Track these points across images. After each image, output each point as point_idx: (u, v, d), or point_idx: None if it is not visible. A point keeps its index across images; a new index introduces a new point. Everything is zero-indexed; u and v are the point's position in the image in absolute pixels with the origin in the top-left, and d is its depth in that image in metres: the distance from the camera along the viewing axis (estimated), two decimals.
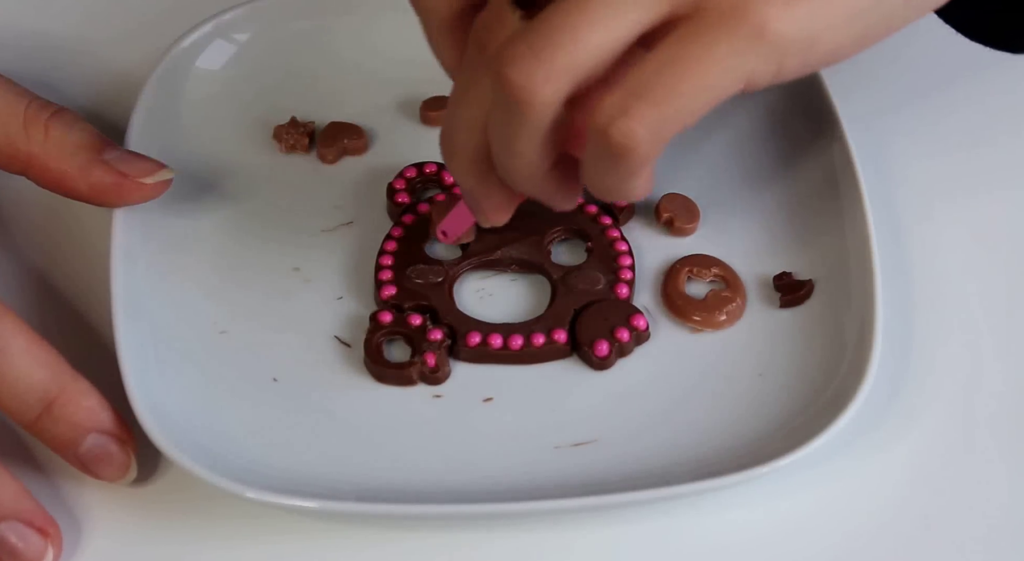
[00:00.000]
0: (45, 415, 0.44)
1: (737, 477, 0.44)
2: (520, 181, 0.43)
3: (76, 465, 0.45)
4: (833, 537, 0.46)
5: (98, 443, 0.45)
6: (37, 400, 0.44)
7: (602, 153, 0.40)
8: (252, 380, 0.48)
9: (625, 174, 0.40)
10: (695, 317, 0.50)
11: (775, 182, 0.54)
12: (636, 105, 0.39)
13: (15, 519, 0.43)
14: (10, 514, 0.43)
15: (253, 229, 0.53)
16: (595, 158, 0.41)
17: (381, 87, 0.57)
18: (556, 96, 0.39)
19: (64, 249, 0.53)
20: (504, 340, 0.49)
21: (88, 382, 0.45)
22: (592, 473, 0.46)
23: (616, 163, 0.40)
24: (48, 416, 0.44)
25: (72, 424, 0.44)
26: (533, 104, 0.39)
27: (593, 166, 0.41)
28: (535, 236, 0.52)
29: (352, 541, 0.46)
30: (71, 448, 0.45)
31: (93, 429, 0.45)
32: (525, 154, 0.41)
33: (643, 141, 0.39)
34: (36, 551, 0.44)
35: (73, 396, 0.44)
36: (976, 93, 0.58)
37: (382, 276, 0.50)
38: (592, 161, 0.41)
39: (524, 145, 0.41)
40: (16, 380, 0.44)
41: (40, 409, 0.44)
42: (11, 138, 0.48)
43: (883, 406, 0.48)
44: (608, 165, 0.40)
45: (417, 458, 0.47)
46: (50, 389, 0.44)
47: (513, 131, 0.40)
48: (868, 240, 0.50)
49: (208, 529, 0.46)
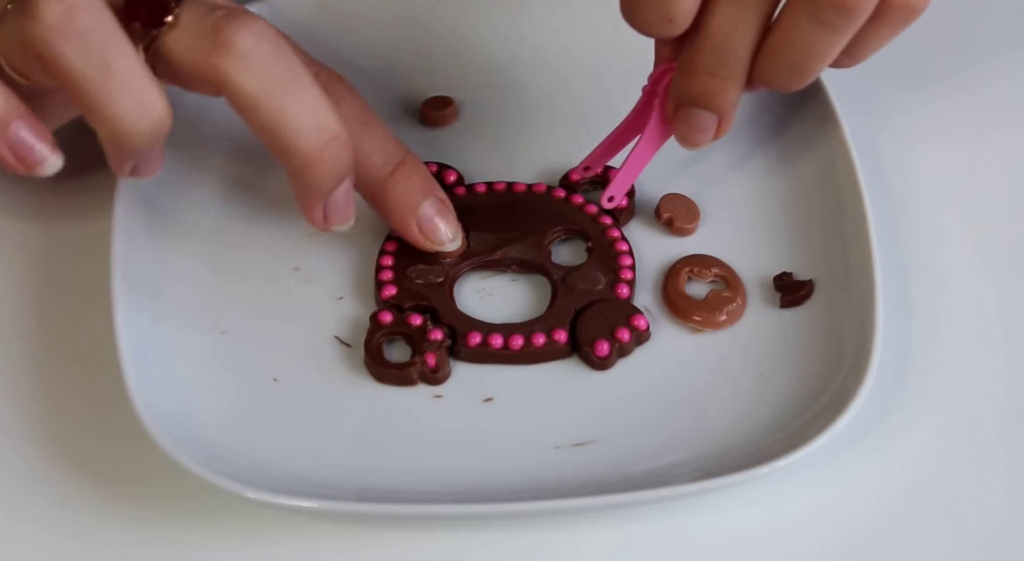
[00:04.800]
0: (403, 165, 0.49)
1: (737, 477, 0.44)
2: (802, 81, 0.47)
3: (413, 234, 0.50)
4: (833, 537, 0.46)
5: (432, 207, 0.50)
6: (395, 153, 0.49)
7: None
8: (252, 380, 0.48)
9: None
10: (695, 317, 0.50)
11: (775, 182, 0.54)
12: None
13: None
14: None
15: (253, 229, 0.53)
16: None
17: (381, 87, 0.57)
18: None
19: (64, 249, 0.53)
20: (505, 340, 0.49)
21: None
22: (593, 473, 0.46)
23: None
24: (405, 165, 0.49)
25: (418, 180, 0.50)
26: (862, 9, 0.44)
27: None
28: (535, 236, 0.52)
29: (352, 541, 0.46)
30: (410, 209, 0.50)
31: (430, 193, 0.50)
32: (831, 55, 0.46)
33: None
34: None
35: (416, 162, 0.50)
36: (977, 93, 0.59)
37: (383, 276, 0.50)
38: None
39: (837, 48, 0.46)
40: (382, 136, 0.49)
41: (396, 164, 0.49)
42: None
43: (883, 406, 0.48)
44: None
45: (417, 458, 0.47)
46: (400, 151, 0.50)
47: (838, 34, 0.45)
48: (868, 240, 0.50)
49: (208, 529, 0.46)
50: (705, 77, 0.47)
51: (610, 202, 0.52)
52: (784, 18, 0.46)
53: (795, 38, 0.46)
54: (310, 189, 0.46)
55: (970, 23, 0.61)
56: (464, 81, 0.58)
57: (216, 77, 0.43)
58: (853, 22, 0.45)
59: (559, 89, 0.58)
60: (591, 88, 0.58)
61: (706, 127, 0.49)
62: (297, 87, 0.44)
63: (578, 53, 0.59)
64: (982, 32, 0.61)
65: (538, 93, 0.58)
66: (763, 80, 0.47)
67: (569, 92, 0.58)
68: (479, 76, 0.58)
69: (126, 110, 0.42)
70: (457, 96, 0.57)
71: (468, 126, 0.57)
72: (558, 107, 0.57)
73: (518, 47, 0.58)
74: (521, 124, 0.57)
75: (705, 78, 0.47)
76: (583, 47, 0.59)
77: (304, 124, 0.44)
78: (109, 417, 0.47)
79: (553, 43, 0.59)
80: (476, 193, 0.53)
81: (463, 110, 0.57)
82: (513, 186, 0.54)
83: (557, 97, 0.57)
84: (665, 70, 0.49)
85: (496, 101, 0.58)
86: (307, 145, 0.44)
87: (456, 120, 0.57)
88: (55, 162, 0.43)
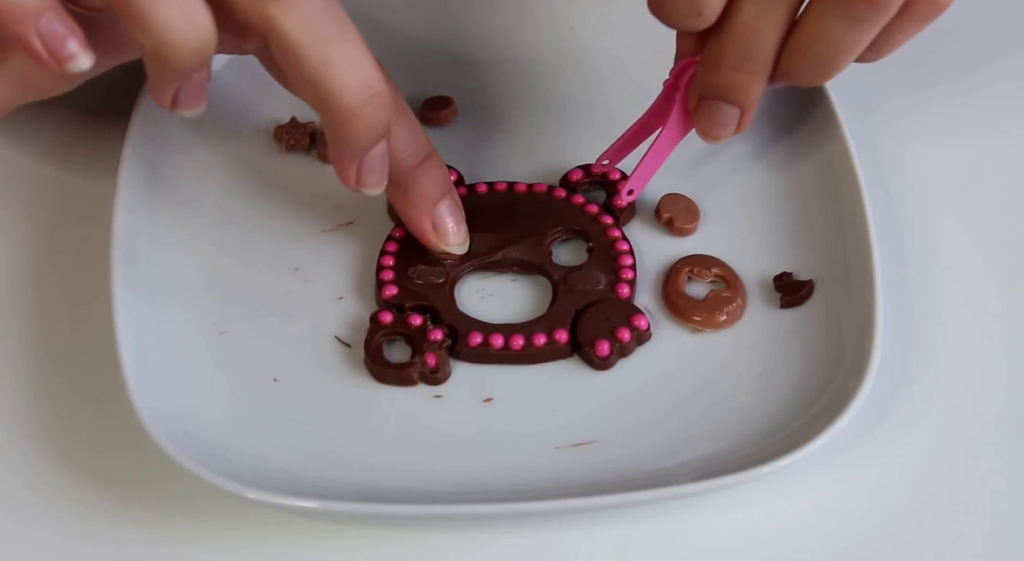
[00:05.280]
0: (429, 159, 0.50)
1: (737, 477, 0.44)
2: (827, 75, 0.48)
3: (426, 229, 0.50)
4: (833, 537, 0.46)
5: (449, 207, 0.50)
6: (425, 145, 0.50)
7: None
8: (252, 380, 0.48)
9: None
10: (695, 317, 0.50)
11: (775, 182, 0.54)
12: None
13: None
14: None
15: (253, 229, 0.53)
16: None
17: None
18: None
19: (64, 248, 0.53)
20: (505, 340, 0.49)
21: None
22: (593, 473, 0.46)
23: None
24: (432, 160, 0.50)
25: (441, 177, 0.50)
26: (892, 4, 0.45)
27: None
28: (536, 237, 0.52)
29: (352, 541, 0.46)
30: (430, 203, 0.50)
31: (450, 193, 0.50)
32: (858, 50, 0.47)
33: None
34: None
35: (441, 160, 0.50)
36: (977, 94, 0.59)
37: (384, 276, 0.50)
38: None
39: (863, 43, 0.46)
40: (415, 127, 0.50)
41: (423, 156, 0.49)
42: None
43: (883, 406, 0.48)
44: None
45: (417, 458, 0.47)
46: (428, 145, 0.50)
47: (866, 29, 0.46)
48: (868, 240, 0.50)
49: (208, 529, 0.46)
50: (731, 71, 0.47)
51: (630, 195, 0.52)
52: (811, 12, 0.46)
53: (823, 33, 0.46)
54: (347, 144, 0.45)
55: (971, 24, 0.61)
56: (464, 81, 0.58)
57: (264, 21, 0.42)
58: (883, 17, 0.45)
59: (559, 89, 0.58)
60: (592, 88, 0.58)
61: (728, 121, 0.49)
62: (344, 39, 0.43)
63: (579, 53, 0.59)
64: (982, 33, 0.61)
65: (538, 93, 0.58)
66: (788, 74, 0.47)
67: (570, 92, 0.58)
68: (479, 76, 0.58)
69: (171, 17, 0.41)
70: (457, 96, 0.57)
71: (468, 126, 0.57)
72: (558, 107, 0.57)
73: (518, 47, 0.58)
74: (521, 124, 0.57)
75: (731, 72, 0.47)
76: (583, 47, 0.59)
77: (348, 77, 0.43)
78: (109, 417, 0.47)
79: (554, 43, 0.59)
80: (477, 193, 0.53)
81: (463, 110, 0.57)
82: (514, 186, 0.54)
83: (557, 97, 0.57)
84: (688, 64, 0.49)
85: (496, 101, 0.58)
86: (350, 99, 0.44)
87: (456, 120, 0.57)
88: (85, 60, 0.42)
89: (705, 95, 0.48)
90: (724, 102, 0.48)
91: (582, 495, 0.44)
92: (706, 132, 0.50)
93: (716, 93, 0.48)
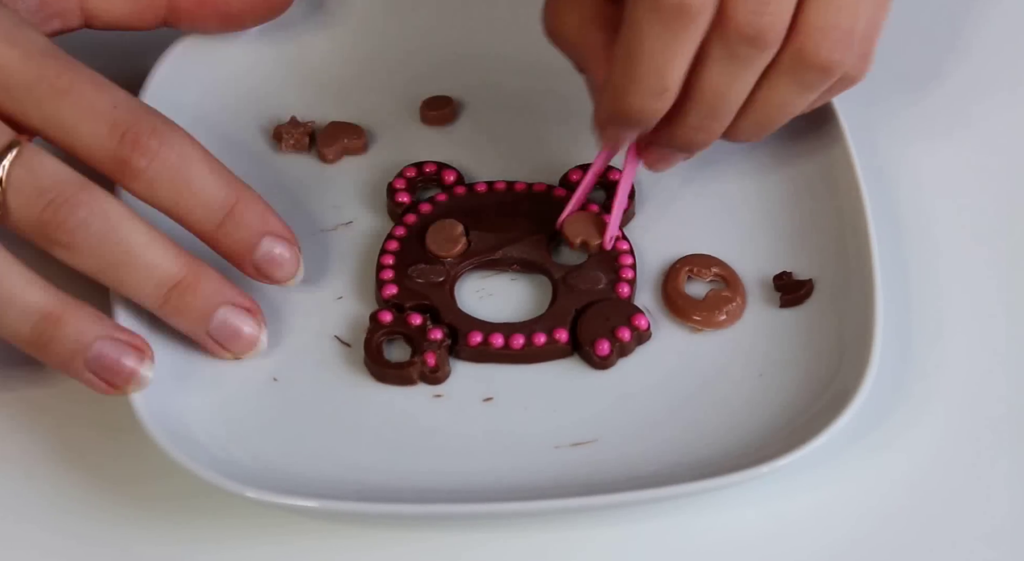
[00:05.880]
0: (228, 220, 0.47)
1: (737, 477, 0.44)
2: (764, 136, 0.49)
3: (251, 272, 0.48)
4: (833, 537, 0.46)
5: (271, 246, 0.48)
6: (220, 207, 0.47)
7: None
8: (252, 380, 0.48)
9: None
10: (695, 317, 0.50)
11: (775, 182, 0.54)
12: None
13: (231, 304, 0.47)
14: (227, 300, 0.47)
15: None
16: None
17: (381, 87, 0.58)
18: None
19: None
20: (505, 340, 0.49)
21: (253, 189, 0.48)
22: (592, 473, 0.46)
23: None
24: (231, 220, 0.47)
25: (250, 228, 0.47)
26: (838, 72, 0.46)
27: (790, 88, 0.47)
28: (536, 236, 0.52)
29: (352, 541, 0.46)
30: (248, 254, 0.47)
31: (267, 232, 0.47)
32: (799, 112, 0.49)
33: None
34: (253, 331, 0.48)
35: (248, 202, 0.47)
36: (977, 93, 0.58)
37: (384, 275, 0.50)
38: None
39: (805, 106, 0.48)
40: (202, 190, 0.46)
41: (223, 215, 0.47)
42: None
43: (883, 406, 0.48)
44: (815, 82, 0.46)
45: (417, 458, 0.47)
46: (230, 197, 0.47)
47: (813, 94, 0.47)
48: (868, 240, 0.50)
49: (208, 529, 0.46)
50: (692, 131, 0.48)
51: (611, 242, 0.51)
52: (766, 80, 0.46)
53: (772, 97, 0.47)
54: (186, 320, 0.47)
55: (970, 24, 0.61)
56: (464, 81, 0.58)
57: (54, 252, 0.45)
58: (828, 83, 0.47)
59: (559, 89, 0.57)
60: None
61: (678, 162, 0.51)
62: (130, 259, 0.45)
63: None
64: (982, 33, 0.61)
65: (538, 93, 0.58)
66: (728, 134, 0.49)
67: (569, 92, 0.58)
68: (479, 76, 0.58)
69: None
70: (457, 96, 0.57)
71: (468, 126, 0.57)
72: (558, 107, 0.57)
73: (518, 47, 0.58)
74: (521, 124, 0.57)
75: (692, 132, 0.48)
76: None
77: (142, 292, 0.46)
78: (109, 417, 0.47)
79: None
80: (476, 192, 0.53)
81: (463, 110, 0.57)
82: (514, 185, 0.54)
83: (557, 97, 0.57)
84: None
85: (496, 101, 0.57)
86: (155, 305, 0.46)
87: (456, 120, 0.57)
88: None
89: (663, 145, 0.49)
90: (679, 152, 0.50)
91: (582, 495, 0.44)
92: (652, 167, 0.51)
93: (673, 146, 0.49)
